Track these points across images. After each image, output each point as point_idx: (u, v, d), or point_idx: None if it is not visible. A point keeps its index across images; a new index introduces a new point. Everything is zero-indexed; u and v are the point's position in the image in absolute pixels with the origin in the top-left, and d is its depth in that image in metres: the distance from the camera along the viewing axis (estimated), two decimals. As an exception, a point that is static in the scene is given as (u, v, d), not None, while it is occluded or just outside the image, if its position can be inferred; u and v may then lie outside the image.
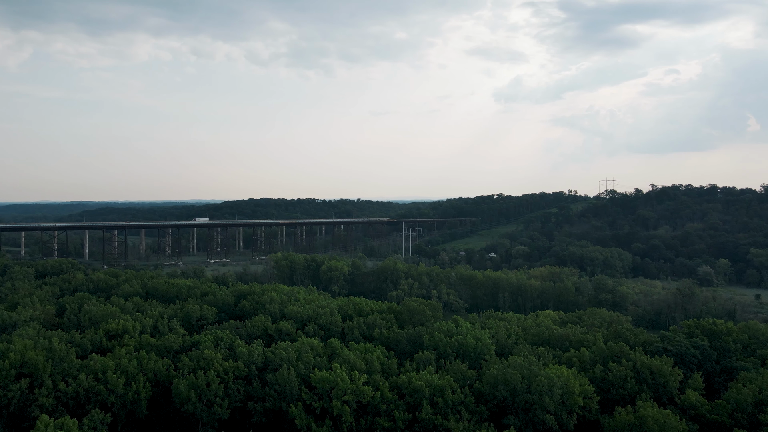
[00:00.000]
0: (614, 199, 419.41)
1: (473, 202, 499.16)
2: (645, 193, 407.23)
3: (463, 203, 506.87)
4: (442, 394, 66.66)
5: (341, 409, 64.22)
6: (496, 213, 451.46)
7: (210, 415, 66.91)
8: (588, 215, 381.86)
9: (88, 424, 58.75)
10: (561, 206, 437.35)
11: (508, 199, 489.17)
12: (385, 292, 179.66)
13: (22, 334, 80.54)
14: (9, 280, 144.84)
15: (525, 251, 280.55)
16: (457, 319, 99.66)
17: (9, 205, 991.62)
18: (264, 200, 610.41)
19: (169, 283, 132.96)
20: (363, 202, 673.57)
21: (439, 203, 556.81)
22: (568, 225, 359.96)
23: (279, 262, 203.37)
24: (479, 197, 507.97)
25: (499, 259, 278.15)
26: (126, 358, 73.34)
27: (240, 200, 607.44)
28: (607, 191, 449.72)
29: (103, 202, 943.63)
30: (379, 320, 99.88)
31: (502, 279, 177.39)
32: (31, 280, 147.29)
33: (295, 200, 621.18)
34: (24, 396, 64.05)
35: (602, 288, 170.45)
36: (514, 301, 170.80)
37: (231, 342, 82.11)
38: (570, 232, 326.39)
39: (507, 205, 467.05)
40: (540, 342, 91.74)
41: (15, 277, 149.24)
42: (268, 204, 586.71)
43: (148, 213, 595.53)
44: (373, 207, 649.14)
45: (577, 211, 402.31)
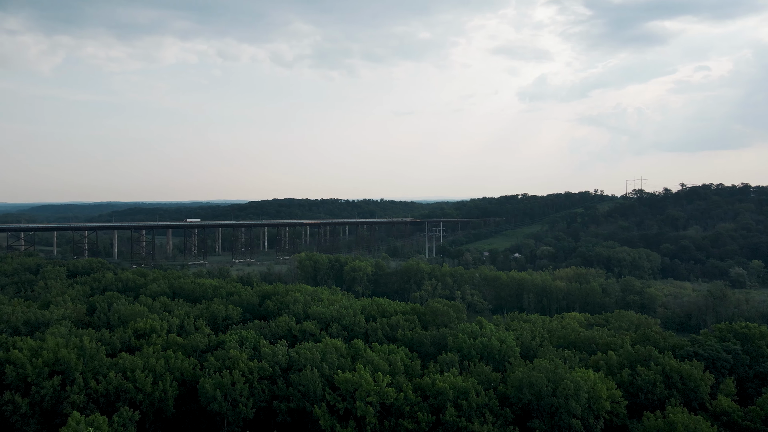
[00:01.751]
0: (642, 199, 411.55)
1: (497, 202, 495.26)
2: (674, 192, 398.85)
3: (487, 203, 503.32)
4: (466, 396, 66.17)
5: (365, 411, 64.27)
6: (521, 213, 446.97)
7: (235, 414, 67.63)
8: (615, 215, 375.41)
9: (118, 422, 59.85)
10: (587, 206, 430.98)
11: (533, 199, 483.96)
12: (409, 293, 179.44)
13: (54, 332, 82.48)
14: (42, 279, 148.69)
15: (550, 252, 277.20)
16: (481, 320, 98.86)
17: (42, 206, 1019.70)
18: (288, 200, 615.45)
19: (195, 283, 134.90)
20: (386, 203, 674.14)
21: (462, 203, 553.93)
22: (594, 225, 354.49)
23: (303, 262, 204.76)
24: (503, 197, 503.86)
25: (523, 259, 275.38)
26: (154, 357, 74.53)
27: (264, 200, 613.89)
28: (634, 191, 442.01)
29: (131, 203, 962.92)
30: (403, 321, 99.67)
31: (527, 280, 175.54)
32: (62, 279, 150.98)
33: (318, 200, 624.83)
34: (56, 393, 65.57)
35: (630, 289, 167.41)
36: (539, 302, 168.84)
37: (256, 342, 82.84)
38: (596, 233, 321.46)
39: (532, 205, 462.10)
40: (566, 345, 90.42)
41: (48, 276, 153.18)
42: (292, 204, 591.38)
43: (174, 213, 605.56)
44: (397, 207, 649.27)
45: (603, 211, 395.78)
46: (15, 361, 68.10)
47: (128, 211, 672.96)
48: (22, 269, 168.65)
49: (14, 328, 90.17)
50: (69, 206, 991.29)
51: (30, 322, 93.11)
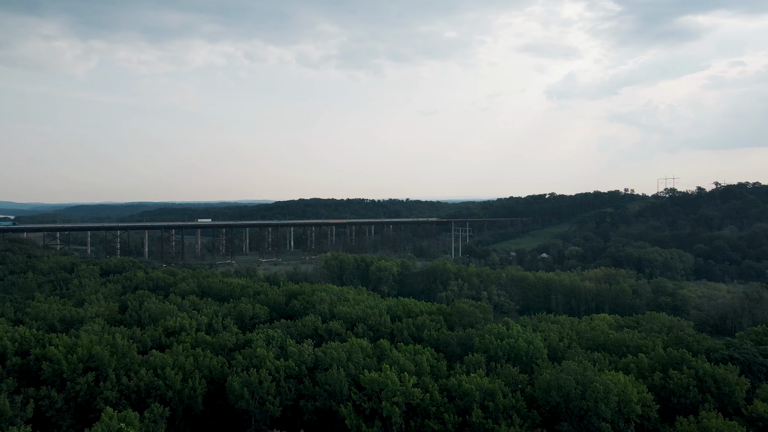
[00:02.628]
0: (674, 198, 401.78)
1: (524, 201, 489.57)
2: (708, 191, 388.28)
3: (514, 203, 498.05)
4: (492, 397, 65.61)
5: (391, 411, 64.24)
6: (548, 213, 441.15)
7: (263, 413, 68.34)
8: (646, 215, 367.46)
9: (149, 418, 61.04)
10: (617, 206, 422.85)
11: (561, 198, 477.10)
12: (435, 293, 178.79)
13: (88, 329, 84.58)
14: (77, 278, 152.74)
15: (578, 252, 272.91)
16: (508, 321, 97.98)
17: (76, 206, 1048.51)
18: (314, 200, 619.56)
19: (223, 282, 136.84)
20: (412, 202, 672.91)
21: (489, 203, 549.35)
22: (624, 225, 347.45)
23: (329, 262, 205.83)
24: (530, 197, 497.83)
25: (551, 260, 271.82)
26: (183, 354, 75.83)
27: (290, 201, 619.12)
28: (666, 190, 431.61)
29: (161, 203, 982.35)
30: (429, 321, 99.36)
31: (555, 280, 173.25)
32: (96, 277, 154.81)
33: (344, 200, 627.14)
34: (90, 389, 67.21)
35: (662, 291, 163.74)
36: (567, 303, 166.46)
37: (282, 341, 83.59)
38: (626, 233, 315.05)
39: (559, 205, 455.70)
40: (595, 347, 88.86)
41: (82, 274, 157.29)
42: (318, 204, 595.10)
43: (203, 213, 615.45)
44: (422, 207, 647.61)
45: (634, 211, 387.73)
46: (51, 358, 70.07)
47: (158, 211, 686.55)
48: (58, 268, 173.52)
49: (50, 325, 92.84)
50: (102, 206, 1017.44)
51: (65, 319, 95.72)
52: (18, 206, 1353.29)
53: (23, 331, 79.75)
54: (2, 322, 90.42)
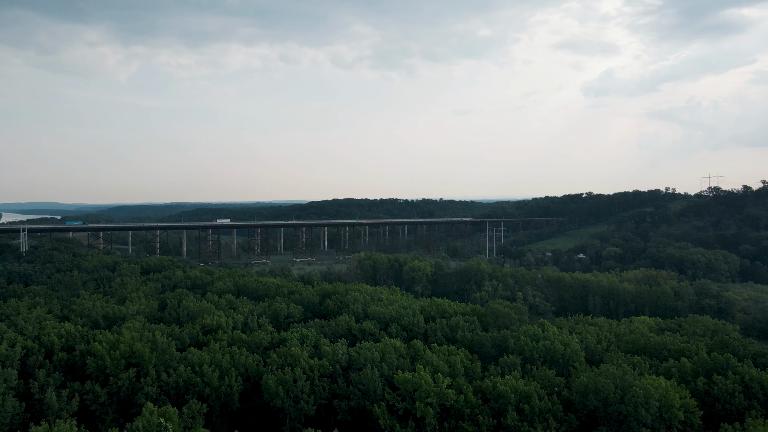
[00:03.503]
0: (718, 197, 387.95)
1: (560, 201, 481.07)
2: (755, 190, 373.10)
3: (549, 202, 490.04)
4: (528, 400, 64.64)
5: (424, 411, 64.00)
6: (585, 212, 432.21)
7: (297, 411, 69.01)
8: (688, 214, 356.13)
9: (187, 413, 62.39)
10: (657, 205, 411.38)
11: (599, 197, 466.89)
12: (469, 294, 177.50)
13: (129, 326, 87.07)
14: (119, 276, 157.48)
15: (617, 252, 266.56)
16: (543, 322, 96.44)
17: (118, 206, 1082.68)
18: (347, 200, 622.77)
19: (258, 282, 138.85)
20: (445, 202, 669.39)
21: (524, 202, 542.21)
22: (665, 225, 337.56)
23: (362, 262, 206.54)
24: (567, 196, 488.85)
25: (588, 260, 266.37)
26: (220, 352, 77.25)
27: (324, 201, 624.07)
28: (710, 188, 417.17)
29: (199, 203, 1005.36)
30: (463, 322, 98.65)
31: (592, 282, 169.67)
32: (137, 276, 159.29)
33: (377, 200, 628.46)
34: (132, 384, 69.15)
35: (705, 293, 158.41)
36: (606, 305, 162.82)
37: (316, 340, 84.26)
38: (667, 233, 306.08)
39: (597, 204, 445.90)
40: (634, 350, 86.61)
41: (123, 273, 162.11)
42: (352, 204, 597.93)
43: (239, 213, 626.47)
44: (456, 206, 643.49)
45: (675, 211, 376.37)
46: (95, 353, 72.37)
47: (196, 211, 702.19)
48: (101, 266, 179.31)
49: (94, 322, 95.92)
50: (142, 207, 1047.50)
51: (108, 316, 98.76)
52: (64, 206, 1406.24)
53: (69, 328, 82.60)
54: (50, 318, 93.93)
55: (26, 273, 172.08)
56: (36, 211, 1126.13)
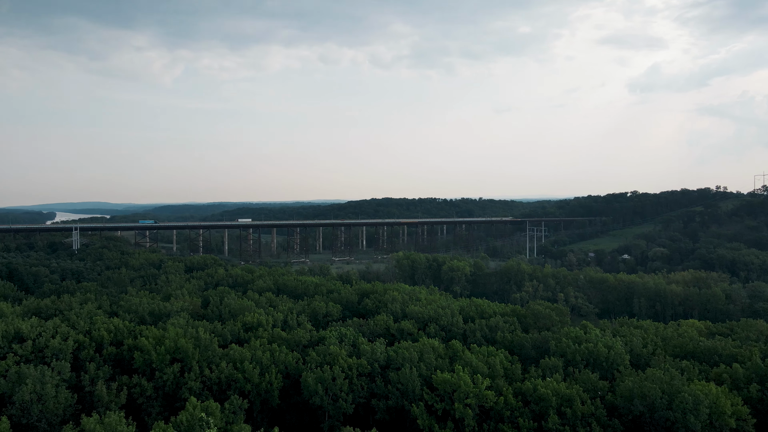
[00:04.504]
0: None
1: (604, 200, 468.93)
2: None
3: (592, 201, 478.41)
4: (570, 404, 63.17)
5: (463, 413, 63.38)
6: (630, 212, 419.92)
7: (336, 409, 69.45)
8: (741, 214, 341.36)
9: (229, 408, 63.63)
10: (707, 204, 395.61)
11: (644, 196, 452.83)
12: (509, 294, 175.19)
13: (174, 323, 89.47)
14: (164, 274, 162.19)
15: (664, 253, 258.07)
16: (586, 324, 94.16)
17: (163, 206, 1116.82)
18: (386, 200, 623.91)
19: (297, 280, 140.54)
20: (485, 201, 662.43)
21: (566, 202, 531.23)
22: (715, 225, 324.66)
23: (401, 261, 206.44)
24: (610, 195, 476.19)
25: (633, 261, 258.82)
26: (260, 349, 78.49)
27: (362, 200, 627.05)
28: (764, 187, 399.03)
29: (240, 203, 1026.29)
30: (502, 323, 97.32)
31: (638, 283, 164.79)
32: (181, 274, 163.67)
33: (416, 200, 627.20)
34: (176, 379, 71.06)
35: (759, 296, 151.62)
36: (652, 307, 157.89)
37: (355, 339, 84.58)
38: (718, 233, 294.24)
39: (642, 203, 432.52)
40: (682, 354, 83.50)
41: (168, 271, 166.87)
42: (390, 204, 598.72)
43: (278, 213, 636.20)
44: (496, 206, 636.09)
45: (726, 210, 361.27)
46: (142, 348, 74.67)
47: (237, 211, 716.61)
48: (148, 264, 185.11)
49: (141, 318, 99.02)
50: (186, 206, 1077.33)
51: (154, 312, 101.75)
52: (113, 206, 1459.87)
53: (117, 323, 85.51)
54: (100, 313, 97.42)
55: (78, 270, 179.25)
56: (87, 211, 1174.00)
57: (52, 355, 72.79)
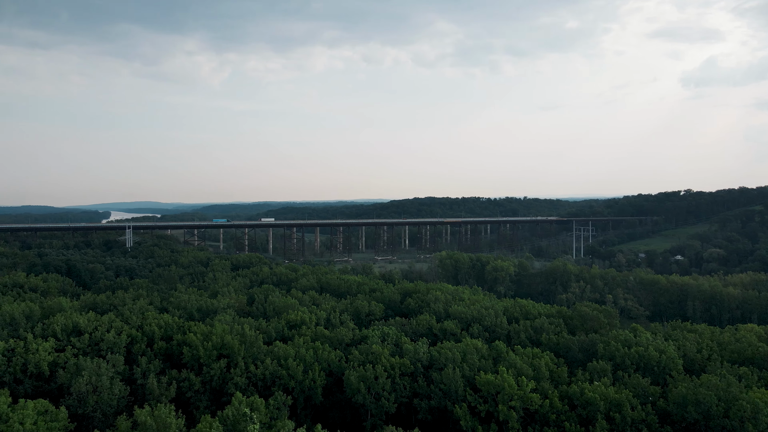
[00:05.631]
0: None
1: (655, 199, 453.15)
2: None
3: (642, 200, 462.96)
4: (619, 409, 61.22)
5: (507, 415, 62.33)
6: (683, 211, 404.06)
7: (378, 408, 69.54)
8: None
9: (273, 405, 64.60)
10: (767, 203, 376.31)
11: (698, 195, 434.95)
12: (554, 295, 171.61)
13: (221, 319, 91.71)
14: (211, 271, 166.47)
15: (720, 254, 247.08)
16: (636, 327, 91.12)
17: (210, 206, 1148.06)
18: (428, 199, 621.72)
19: (340, 279, 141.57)
20: (530, 200, 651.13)
21: (614, 201, 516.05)
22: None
23: (443, 261, 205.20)
24: (662, 194, 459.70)
25: (687, 262, 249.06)
26: (304, 347, 79.44)
27: (405, 199, 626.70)
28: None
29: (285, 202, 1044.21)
30: (547, 325, 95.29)
31: (692, 285, 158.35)
32: (227, 271, 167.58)
33: (459, 199, 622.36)
34: (223, 374, 72.78)
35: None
36: (707, 311, 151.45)
37: (397, 338, 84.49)
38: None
39: (696, 202, 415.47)
40: (740, 360, 79.52)
41: (216, 268, 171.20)
42: (433, 203, 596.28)
43: (322, 212, 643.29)
44: (541, 205, 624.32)
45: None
46: (190, 344, 76.80)
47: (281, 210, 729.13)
48: (196, 262, 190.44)
49: (189, 314, 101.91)
50: (232, 206, 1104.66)
51: (202, 309, 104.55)
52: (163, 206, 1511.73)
53: (167, 319, 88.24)
54: (151, 309, 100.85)
55: (131, 267, 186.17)
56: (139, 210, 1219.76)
57: (107, 348, 75.86)
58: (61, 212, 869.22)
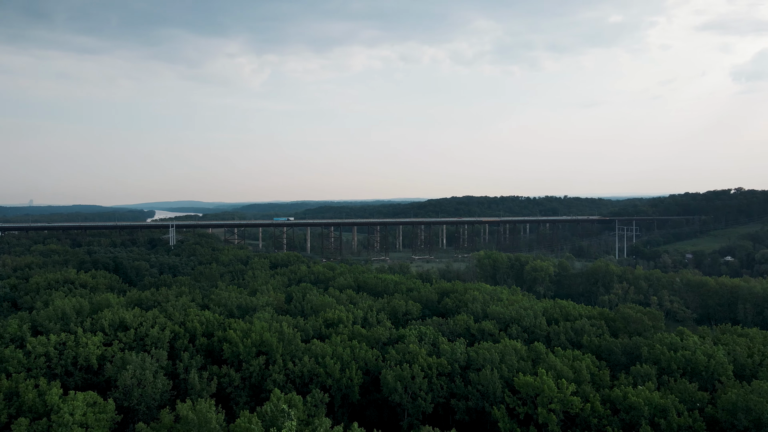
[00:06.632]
0: None
1: (703, 197, 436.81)
2: None
3: (690, 199, 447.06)
4: (664, 414, 59.22)
5: (547, 418, 61.14)
6: (734, 210, 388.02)
7: (415, 407, 69.31)
8: None
9: (311, 402, 65.23)
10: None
11: (750, 193, 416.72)
12: (596, 296, 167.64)
13: (260, 317, 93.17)
14: (251, 270, 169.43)
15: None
16: (682, 330, 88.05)
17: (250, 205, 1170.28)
18: (466, 198, 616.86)
19: (377, 278, 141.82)
20: (570, 199, 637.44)
21: (660, 199, 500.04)
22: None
23: (481, 261, 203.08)
24: (711, 192, 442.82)
25: (737, 263, 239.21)
26: (341, 345, 79.90)
27: (443, 198, 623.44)
28: None
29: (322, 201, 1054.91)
30: (589, 326, 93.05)
31: (743, 288, 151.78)
32: (266, 270, 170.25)
33: (497, 198, 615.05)
34: (261, 371, 73.91)
35: None
36: (759, 314, 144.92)
37: (434, 338, 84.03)
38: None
39: (748, 201, 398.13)
40: (796, 366, 75.75)
41: (255, 267, 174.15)
42: (471, 202, 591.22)
43: (359, 211, 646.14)
44: (582, 204, 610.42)
45: None
46: (230, 340, 78.32)
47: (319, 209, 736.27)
48: (236, 260, 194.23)
49: (230, 311, 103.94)
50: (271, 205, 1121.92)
51: (242, 306, 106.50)
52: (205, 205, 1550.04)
53: (208, 316, 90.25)
54: (192, 306, 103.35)
55: (174, 264, 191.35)
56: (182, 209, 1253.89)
57: (152, 343, 78.15)
58: (109, 211, 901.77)
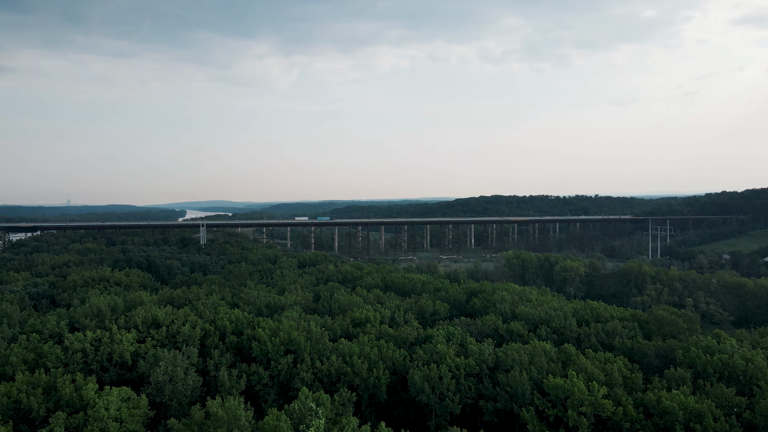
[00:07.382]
0: None
1: (741, 196, 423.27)
2: None
3: (727, 198, 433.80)
4: (700, 420, 57.57)
5: (577, 421, 60.06)
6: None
7: (442, 408, 68.92)
8: None
9: (338, 401, 65.50)
10: None
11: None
12: (628, 298, 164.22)
13: (288, 316, 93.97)
14: (279, 269, 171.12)
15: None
16: (719, 333, 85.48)
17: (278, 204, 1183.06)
18: (495, 197, 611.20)
19: (405, 278, 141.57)
20: (601, 198, 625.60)
21: (695, 198, 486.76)
22: None
23: (510, 261, 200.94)
24: (749, 191, 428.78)
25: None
26: (368, 345, 79.99)
27: (471, 198, 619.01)
28: None
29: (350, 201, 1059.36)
30: (620, 328, 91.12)
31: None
32: (294, 269, 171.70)
33: (526, 197, 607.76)
34: (289, 369, 74.50)
35: None
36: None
37: (462, 339, 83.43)
38: None
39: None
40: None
41: (283, 266, 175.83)
42: (499, 201, 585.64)
43: (386, 210, 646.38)
44: (613, 203, 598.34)
45: None
46: (259, 339, 79.18)
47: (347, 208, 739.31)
48: (264, 259, 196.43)
49: (258, 310, 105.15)
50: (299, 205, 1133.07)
51: (270, 305, 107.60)
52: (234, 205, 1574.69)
53: (238, 314, 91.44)
54: (222, 304, 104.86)
55: (204, 263, 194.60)
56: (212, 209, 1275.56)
57: (183, 340, 79.59)
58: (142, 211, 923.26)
